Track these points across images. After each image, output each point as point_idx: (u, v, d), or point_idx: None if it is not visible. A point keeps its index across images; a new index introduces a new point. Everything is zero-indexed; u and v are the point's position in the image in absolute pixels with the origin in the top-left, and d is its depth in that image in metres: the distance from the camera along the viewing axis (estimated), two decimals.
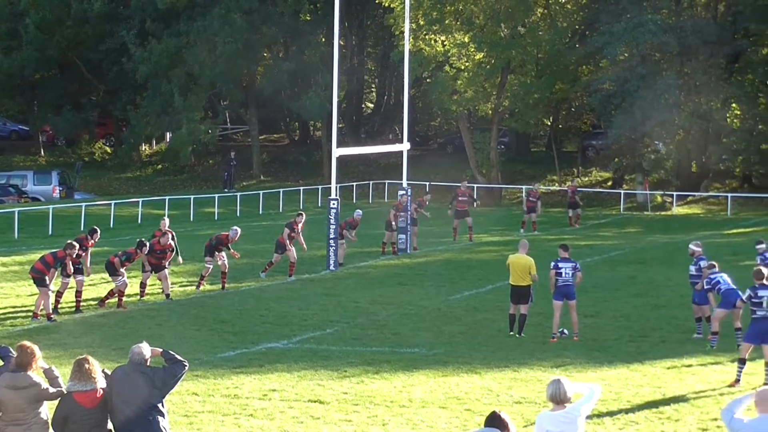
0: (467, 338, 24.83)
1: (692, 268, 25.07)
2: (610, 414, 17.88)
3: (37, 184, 64.13)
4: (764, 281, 20.18)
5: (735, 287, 23.14)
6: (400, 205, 40.24)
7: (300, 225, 33.78)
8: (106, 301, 28.53)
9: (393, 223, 39.60)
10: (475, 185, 63.03)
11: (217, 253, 31.26)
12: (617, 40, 59.69)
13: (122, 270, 28.00)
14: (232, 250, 31.49)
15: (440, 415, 18.01)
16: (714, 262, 24.41)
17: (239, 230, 31.83)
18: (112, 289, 28.61)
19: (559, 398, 11.34)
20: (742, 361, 20.36)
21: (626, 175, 66.49)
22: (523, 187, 62.64)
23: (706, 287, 23.92)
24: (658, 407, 18.47)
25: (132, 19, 71.04)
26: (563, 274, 24.42)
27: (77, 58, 73.47)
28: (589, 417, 12.06)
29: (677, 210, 60.39)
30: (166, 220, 32.50)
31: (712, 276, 23.75)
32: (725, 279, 23.57)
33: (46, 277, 26.14)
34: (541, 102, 66.45)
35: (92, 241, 28.75)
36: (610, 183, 68.06)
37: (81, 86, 75.38)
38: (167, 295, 29.64)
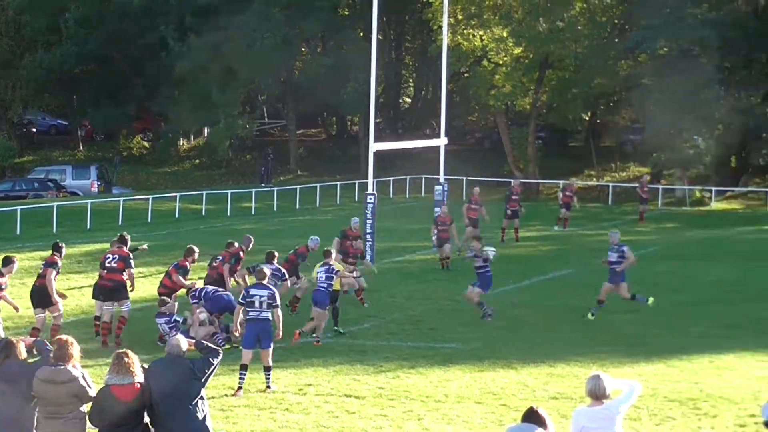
0: (504, 333, 24.78)
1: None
2: (648, 410, 17.78)
3: (75, 179, 64.61)
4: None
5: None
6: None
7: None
8: None
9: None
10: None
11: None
12: (657, 34, 59.40)
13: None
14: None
15: (476, 410, 17.96)
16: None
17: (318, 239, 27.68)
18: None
19: (598, 394, 11.27)
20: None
21: (665, 171, 66.10)
22: (560, 182, 62.41)
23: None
24: (695, 403, 18.35)
25: (171, 14, 71.25)
26: None
27: (117, 53, 73.79)
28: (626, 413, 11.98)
29: (716, 205, 60.00)
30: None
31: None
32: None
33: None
34: (579, 97, 66.19)
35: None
36: (648, 178, 67.68)
37: (120, 81, 75.71)
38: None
